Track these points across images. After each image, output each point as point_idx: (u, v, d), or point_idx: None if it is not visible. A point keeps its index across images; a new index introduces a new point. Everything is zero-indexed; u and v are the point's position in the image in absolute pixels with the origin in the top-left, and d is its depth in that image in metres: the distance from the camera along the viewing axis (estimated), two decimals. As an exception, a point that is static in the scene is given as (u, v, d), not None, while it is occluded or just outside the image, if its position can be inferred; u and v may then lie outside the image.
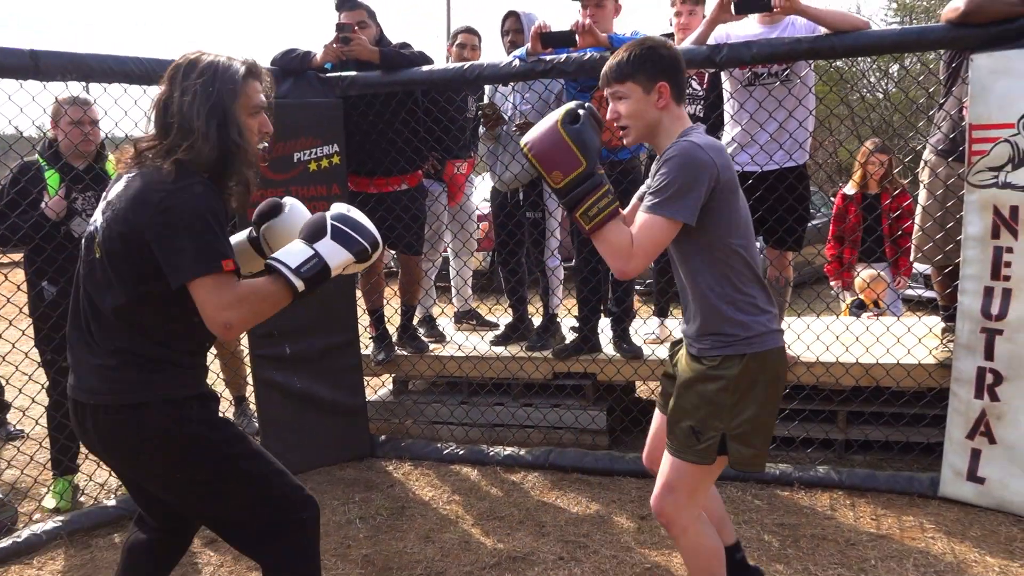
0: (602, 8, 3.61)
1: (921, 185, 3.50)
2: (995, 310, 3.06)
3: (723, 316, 2.01)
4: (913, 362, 3.50)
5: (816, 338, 3.71)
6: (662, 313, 4.40)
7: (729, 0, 3.22)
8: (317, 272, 1.72)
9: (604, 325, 4.14)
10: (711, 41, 3.36)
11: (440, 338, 4.48)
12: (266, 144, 1.88)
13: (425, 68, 3.75)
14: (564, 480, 3.61)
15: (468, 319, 4.89)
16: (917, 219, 3.54)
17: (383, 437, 4.06)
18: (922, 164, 3.51)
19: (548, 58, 3.48)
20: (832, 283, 5.46)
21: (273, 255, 1.75)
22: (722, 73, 3.64)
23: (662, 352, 3.89)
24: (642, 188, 2.22)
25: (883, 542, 2.91)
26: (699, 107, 3.97)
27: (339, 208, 1.84)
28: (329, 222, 1.77)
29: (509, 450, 3.83)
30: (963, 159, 3.12)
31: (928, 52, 3.61)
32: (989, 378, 3.10)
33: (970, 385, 3.15)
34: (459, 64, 3.69)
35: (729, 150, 3.62)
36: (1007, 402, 3.05)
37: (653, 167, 2.00)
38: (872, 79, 8.31)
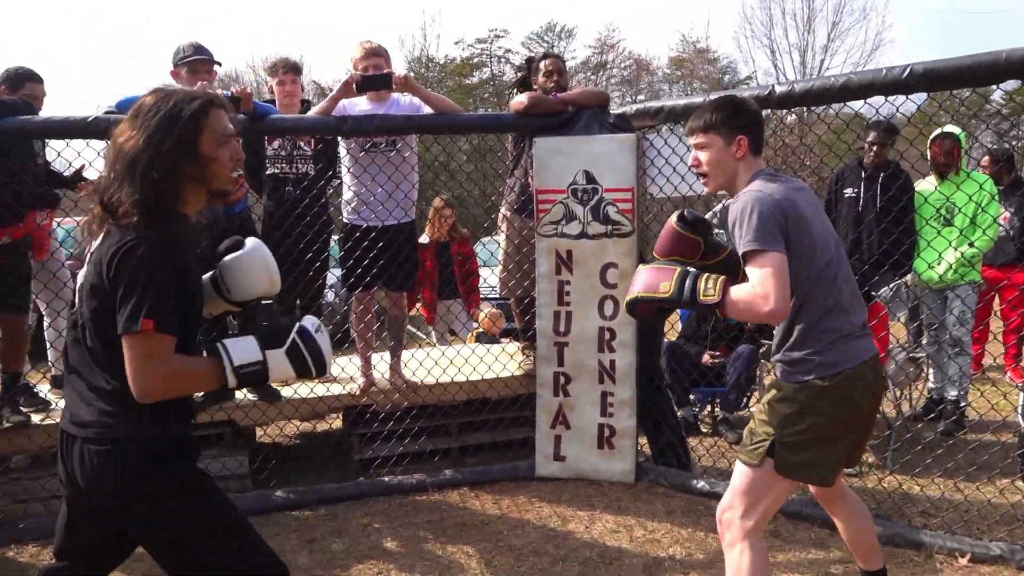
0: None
1: (502, 235, 4.45)
2: (562, 328, 4.08)
3: (795, 344, 2.19)
4: (507, 375, 4.40)
5: (435, 363, 4.40)
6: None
7: (353, 80, 3.78)
8: (253, 379, 1.77)
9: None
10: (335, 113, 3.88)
11: (43, 405, 4.11)
12: (239, 171, 1.91)
13: (36, 118, 3.57)
14: (219, 526, 3.68)
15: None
16: (500, 262, 4.47)
17: (-8, 523, 3.62)
18: (500, 218, 4.47)
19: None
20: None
21: (224, 342, 1.77)
22: (340, 140, 4.15)
23: (288, 392, 4.17)
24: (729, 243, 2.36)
25: (507, 517, 3.67)
26: (310, 166, 4.39)
27: (309, 323, 1.85)
28: (292, 335, 1.79)
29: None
30: (532, 215, 4.11)
31: (506, 133, 4.53)
32: (562, 380, 4.10)
33: (549, 387, 4.12)
34: (83, 116, 3.59)
35: (351, 207, 4.15)
36: (575, 396, 4.08)
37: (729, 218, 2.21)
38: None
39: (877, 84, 3.15)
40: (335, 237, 4.99)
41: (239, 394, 4.14)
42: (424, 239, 6.25)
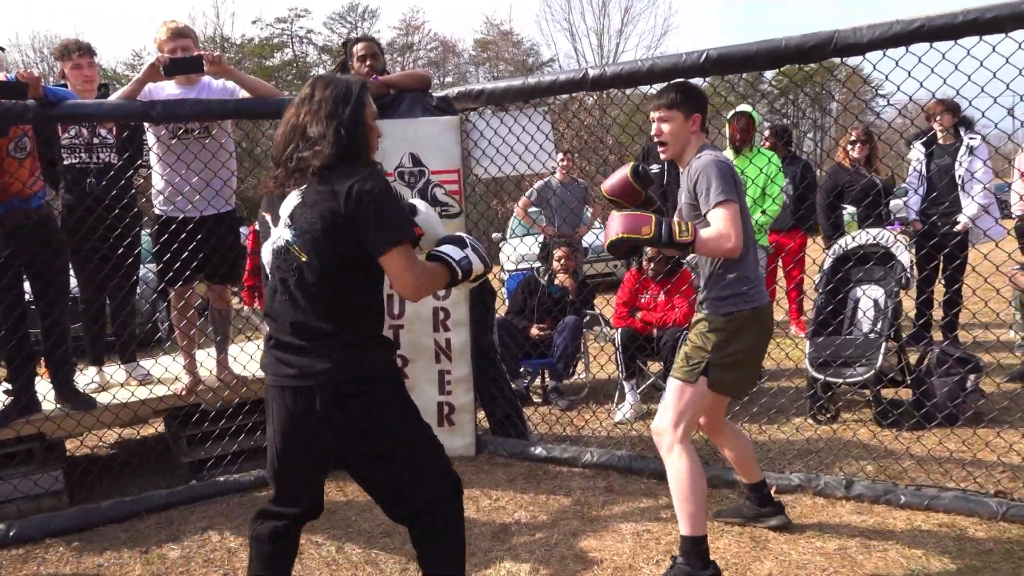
0: None
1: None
2: (396, 310, 4.11)
3: (724, 283, 2.65)
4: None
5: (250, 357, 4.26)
6: (98, 361, 4.36)
7: (160, 62, 3.56)
8: (468, 268, 2.14)
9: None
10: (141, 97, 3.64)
11: None
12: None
13: None
14: (37, 549, 3.38)
15: None
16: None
17: None
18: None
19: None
20: (246, 308, 6.09)
21: (436, 249, 2.16)
22: (147, 126, 3.90)
23: (105, 398, 3.91)
24: (682, 197, 2.76)
25: (354, 502, 3.66)
26: (112, 155, 4.10)
27: (465, 235, 2.26)
28: (468, 239, 2.21)
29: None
30: (359, 199, 4.08)
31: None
32: (399, 362, 4.13)
33: (387, 370, 4.13)
34: None
35: (162, 197, 3.93)
36: (414, 376, 4.12)
37: (685, 177, 2.69)
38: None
39: (679, 68, 3.42)
40: (146, 231, 4.70)
41: (47, 405, 3.82)
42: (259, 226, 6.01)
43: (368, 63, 4.09)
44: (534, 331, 5.23)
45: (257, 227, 6.02)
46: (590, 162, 12.34)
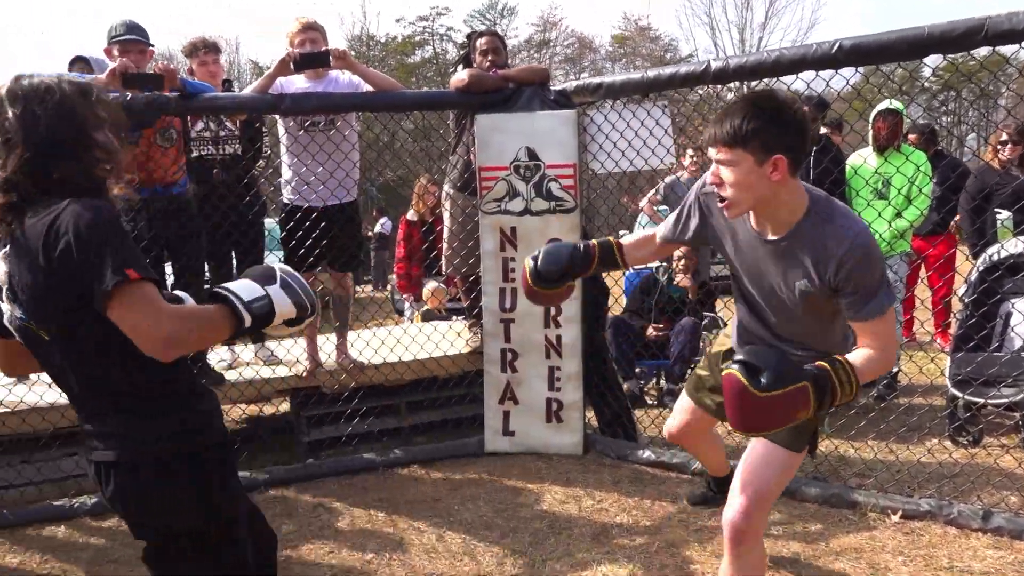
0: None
1: (446, 213, 4.44)
2: (508, 304, 4.11)
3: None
4: (455, 352, 4.41)
5: (381, 343, 4.39)
6: (228, 341, 4.63)
7: (290, 57, 3.71)
8: (265, 313, 1.62)
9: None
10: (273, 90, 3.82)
11: None
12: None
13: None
14: (165, 513, 3.63)
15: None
16: (445, 240, 4.46)
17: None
18: (444, 196, 4.46)
19: (113, 96, 3.50)
20: (402, 296, 6.35)
21: (223, 285, 1.63)
22: (279, 119, 4.08)
23: (233, 376, 4.13)
24: (803, 284, 1.93)
25: (458, 492, 3.70)
26: (237, 145, 4.32)
27: (280, 265, 1.76)
28: (279, 270, 1.70)
29: (95, 498, 3.66)
30: (475, 192, 4.12)
31: (445, 110, 4.50)
32: (509, 356, 4.13)
33: (497, 363, 4.15)
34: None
35: (291, 187, 4.10)
36: (522, 371, 4.12)
37: (805, 250, 1.87)
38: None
39: (808, 59, 3.22)
40: (271, 219, 4.93)
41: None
42: (411, 216, 6.27)
43: (490, 58, 4.10)
44: (650, 331, 5.11)
45: (408, 217, 6.29)
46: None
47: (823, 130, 5.01)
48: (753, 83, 3.54)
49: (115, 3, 34.43)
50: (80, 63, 4.00)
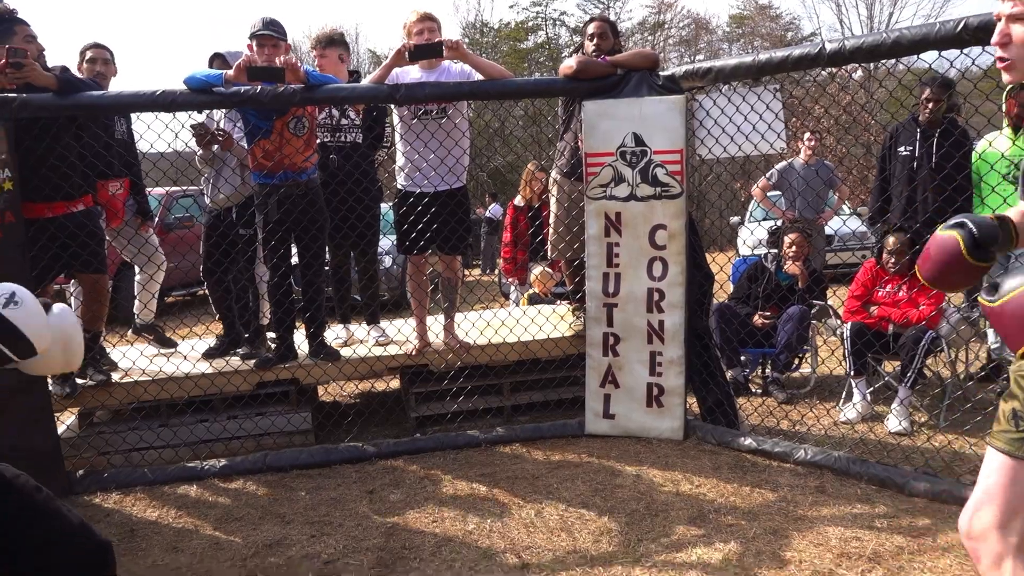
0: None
1: (552, 198, 4.52)
2: (611, 289, 4.15)
3: None
4: (558, 335, 4.50)
5: (487, 324, 4.53)
6: (345, 319, 4.88)
7: (405, 48, 3.87)
8: None
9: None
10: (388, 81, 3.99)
11: (112, 365, 4.37)
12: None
13: (108, 93, 3.77)
14: (286, 478, 3.90)
15: (148, 332, 4.81)
16: (551, 225, 4.55)
17: (80, 472, 3.91)
18: (551, 182, 4.54)
19: (244, 89, 3.77)
20: (508, 279, 6.53)
21: None
22: (394, 108, 4.26)
23: (348, 353, 4.38)
24: None
25: (558, 471, 3.79)
26: (357, 135, 4.52)
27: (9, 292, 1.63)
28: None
29: (223, 461, 3.98)
30: (581, 178, 4.17)
31: (554, 97, 4.58)
32: (611, 340, 4.19)
33: (599, 347, 4.21)
34: (153, 90, 3.76)
35: (404, 173, 4.28)
36: (624, 356, 4.16)
37: None
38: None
39: (931, 39, 3.10)
40: (386, 204, 5.15)
41: (302, 354, 4.35)
42: (518, 201, 6.43)
43: (595, 42, 4.14)
44: (757, 319, 5.03)
45: (516, 202, 6.45)
46: (843, 142, 11.49)
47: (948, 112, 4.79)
48: (871, 65, 3.43)
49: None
50: (218, 59, 4.31)
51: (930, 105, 4.72)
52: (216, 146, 4.28)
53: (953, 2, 26.57)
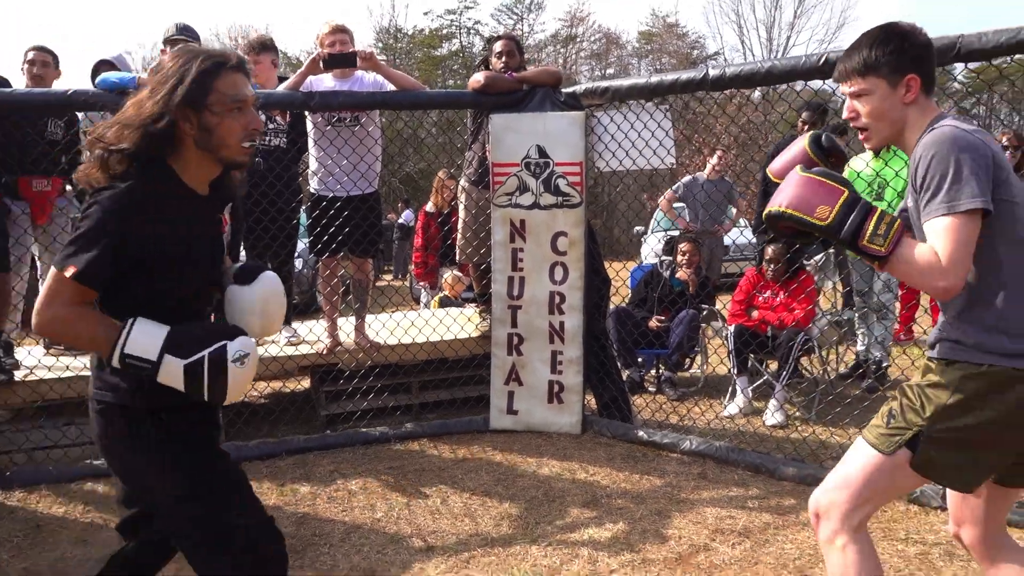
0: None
1: (461, 205, 4.74)
2: (515, 292, 4.40)
3: (971, 319, 1.75)
4: (465, 336, 4.72)
5: (397, 325, 4.71)
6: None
7: (320, 57, 4.03)
8: (138, 372, 1.67)
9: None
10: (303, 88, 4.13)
11: (16, 363, 4.33)
12: (253, 142, 1.79)
13: (17, 91, 3.77)
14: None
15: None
16: (460, 231, 4.76)
17: (-22, 471, 3.87)
18: (460, 189, 4.76)
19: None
20: (419, 283, 6.67)
21: (135, 323, 1.67)
22: (307, 114, 4.40)
23: (274, 350, 4.47)
24: (904, 203, 1.90)
25: (463, 464, 4.00)
26: (283, 139, 4.64)
27: (235, 349, 1.70)
28: (203, 355, 1.66)
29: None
30: (488, 187, 4.41)
31: (463, 109, 4.79)
32: (515, 340, 4.43)
33: (504, 347, 4.45)
34: (64, 90, 3.79)
35: (317, 178, 4.41)
36: (527, 355, 4.41)
37: (912, 170, 1.74)
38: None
39: (798, 70, 3.49)
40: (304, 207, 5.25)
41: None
42: (430, 208, 6.59)
43: (504, 60, 4.39)
44: (652, 322, 5.38)
45: (427, 209, 6.62)
46: (742, 158, 12.14)
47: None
48: (747, 91, 3.80)
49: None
50: (105, 64, 4.32)
51: (806, 127, 5.18)
52: None
53: (845, 28, 28.23)
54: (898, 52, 1.77)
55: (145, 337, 1.66)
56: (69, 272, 1.63)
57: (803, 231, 1.78)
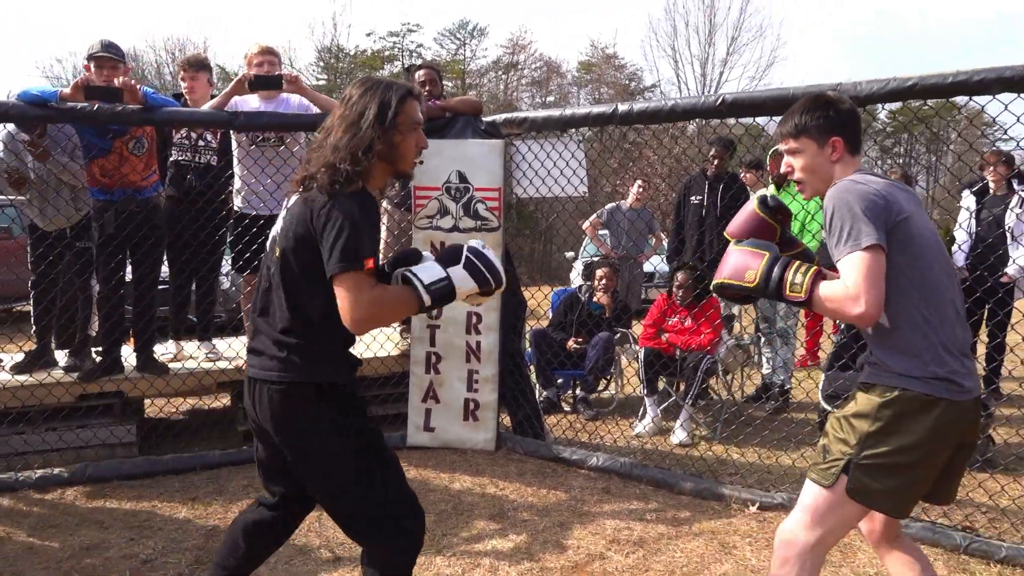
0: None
1: (383, 227, 4.86)
2: (434, 312, 4.52)
3: (886, 347, 1.97)
4: (384, 354, 4.82)
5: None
6: (177, 335, 4.96)
7: (246, 78, 4.12)
8: (444, 293, 1.98)
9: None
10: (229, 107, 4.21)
11: None
12: (420, 160, 2.16)
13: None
14: (107, 488, 3.95)
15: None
16: (382, 251, 4.86)
17: None
18: (383, 211, 4.87)
19: (80, 106, 3.87)
20: None
21: (410, 268, 2.00)
22: (232, 133, 4.47)
23: (178, 368, 4.50)
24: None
25: (377, 479, 4.09)
26: (212, 156, 4.69)
27: (475, 243, 2.08)
28: (465, 253, 2.02)
29: (40, 472, 3.98)
30: (410, 209, 4.55)
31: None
32: (433, 359, 4.55)
33: (422, 364, 4.57)
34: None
35: (241, 196, 4.48)
36: (444, 373, 4.54)
37: (824, 219, 2.01)
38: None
39: (698, 108, 3.74)
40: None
41: (127, 365, 4.42)
42: None
43: (427, 88, 4.55)
44: (570, 344, 5.56)
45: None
46: (672, 188, 12.53)
47: (736, 170, 5.56)
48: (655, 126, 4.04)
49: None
50: None
51: (716, 161, 5.48)
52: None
53: (774, 67, 29.43)
54: (824, 118, 2.07)
55: (427, 271, 1.99)
56: (367, 265, 1.89)
57: (742, 295, 2.14)
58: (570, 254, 11.79)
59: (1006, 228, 5.61)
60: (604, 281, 5.67)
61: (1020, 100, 3.00)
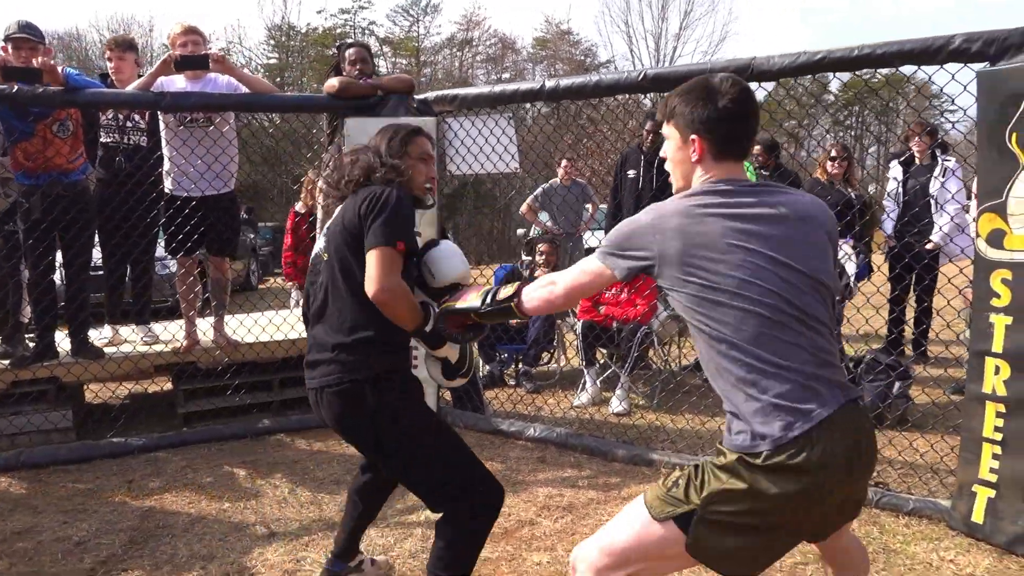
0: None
1: (319, 205, 4.86)
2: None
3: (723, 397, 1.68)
4: (282, 337, 4.83)
5: (255, 323, 4.78)
6: (113, 320, 4.93)
7: (171, 59, 4.08)
8: (439, 335, 2.20)
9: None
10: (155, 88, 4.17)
11: None
12: (429, 186, 2.47)
13: None
14: (41, 474, 3.94)
15: None
16: (318, 229, 4.87)
17: None
18: (318, 189, 4.87)
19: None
20: (289, 283, 6.68)
21: (452, 305, 2.17)
22: (160, 114, 4.42)
23: (114, 352, 4.48)
24: None
25: (316, 456, 4.14)
26: (141, 137, 4.65)
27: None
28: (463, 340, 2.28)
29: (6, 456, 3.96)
30: (345, 188, 4.55)
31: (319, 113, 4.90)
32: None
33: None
34: None
35: (171, 177, 4.45)
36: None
37: None
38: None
39: (621, 84, 3.80)
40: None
41: (61, 351, 4.39)
42: (299, 208, 6.59)
43: (358, 67, 4.54)
44: (512, 319, 5.63)
45: (297, 209, 6.64)
46: (598, 162, 12.66)
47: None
48: (579, 101, 4.09)
49: (21, -22, 33.16)
50: None
51: (650, 136, 5.56)
52: None
53: (726, 42, 29.68)
54: (693, 110, 1.71)
55: (466, 302, 2.17)
56: (400, 247, 2.12)
57: (465, 323, 2.21)
58: (521, 231, 11.87)
59: (931, 197, 5.81)
60: (545, 256, 5.74)
61: (967, 70, 3.08)
